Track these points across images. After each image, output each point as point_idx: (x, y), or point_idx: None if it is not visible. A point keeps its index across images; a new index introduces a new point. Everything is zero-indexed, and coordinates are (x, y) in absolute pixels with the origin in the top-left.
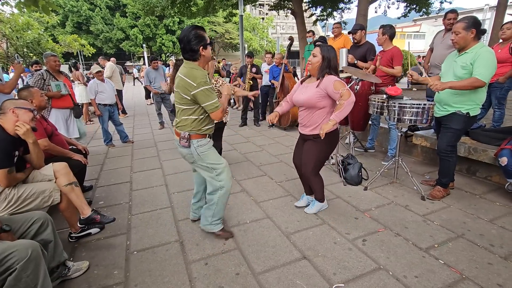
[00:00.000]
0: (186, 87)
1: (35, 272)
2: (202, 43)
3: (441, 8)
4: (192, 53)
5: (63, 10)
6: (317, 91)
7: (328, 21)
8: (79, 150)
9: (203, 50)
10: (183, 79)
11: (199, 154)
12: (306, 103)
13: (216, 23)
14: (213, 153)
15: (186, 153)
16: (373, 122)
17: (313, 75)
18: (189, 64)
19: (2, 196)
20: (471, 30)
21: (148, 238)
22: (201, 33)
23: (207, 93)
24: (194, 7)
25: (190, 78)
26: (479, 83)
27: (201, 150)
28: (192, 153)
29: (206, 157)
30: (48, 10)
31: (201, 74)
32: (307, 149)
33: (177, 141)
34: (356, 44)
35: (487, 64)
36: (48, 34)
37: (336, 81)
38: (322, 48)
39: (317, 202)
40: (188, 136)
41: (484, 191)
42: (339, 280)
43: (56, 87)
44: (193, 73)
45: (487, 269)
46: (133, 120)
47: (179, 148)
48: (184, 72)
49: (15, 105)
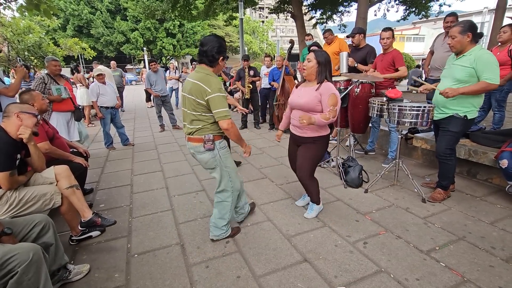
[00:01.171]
0: (201, 92)
1: (37, 275)
2: (223, 54)
3: (440, 11)
4: (212, 59)
5: (64, 14)
6: (316, 96)
7: (327, 24)
8: (80, 153)
9: (222, 60)
10: (197, 84)
11: (221, 157)
12: (305, 107)
13: (216, 26)
14: (230, 155)
15: (209, 157)
16: (373, 125)
17: (309, 80)
18: (203, 69)
19: (3, 199)
20: (467, 34)
21: (149, 241)
22: (224, 45)
23: (221, 100)
24: (194, 11)
25: (205, 83)
26: (492, 86)
27: (223, 152)
28: (215, 156)
29: (226, 160)
30: (49, 13)
31: (216, 81)
32: (303, 154)
33: (196, 147)
34: (356, 47)
35: (491, 67)
36: (49, 38)
37: (332, 95)
38: (316, 53)
39: (315, 205)
40: (213, 138)
41: (485, 193)
42: (340, 283)
43: (57, 91)
44: (208, 79)
45: (489, 271)
46: (134, 122)
47: (199, 155)
48: (198, 77)
49: (20, 110)
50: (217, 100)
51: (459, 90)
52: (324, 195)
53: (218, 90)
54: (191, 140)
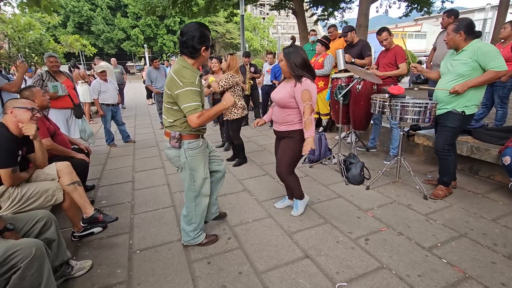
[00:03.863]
0: (172, 85)
1: (39, 270)
2: (206, 44)
3: (443, 7)
4: (193, 50)
5: (64, 11)
6: (289, 92)
7: (329, 20)
8: (81, 150)
9: (204, 51)
10: (171, 76)
11: (187, 158)
12: (280, 102)
13: (217, 23)
14: (201, 160)
15: (174, 155)
16: (375, 122)
17: (287, 76)
18: (183, 61)
19: (5, 195)
20: (460, 33)
21: (150, 237)
22: (207, 33)
23: (189, 95)
24: (195, 7)
25: (178, 76)
26: (501, 73)
27: (190, 153)
28: (179, 156)
29: (192, 162)
30: (50, 10)
31: (190, 74)
32: (281, 148)
33: (165, 141)
34: (350, 44)
35: (494, 55)
36: (49, 35)
37: (305, 91)
38: (284, 51)
39: (299, 201)
40: (179, 136)
41: (487, 190)
42: (342, 279)
43: (53, 88)
44: (183, 72)
45: (491, 268)
46: (135, 120)
47: (166, 150)
48: (175, 69)
49: (13, 105)
50: (185, 95)
51: (468, 84)
52: (325, 191)
53: (190, 84)
54: (165, 133)
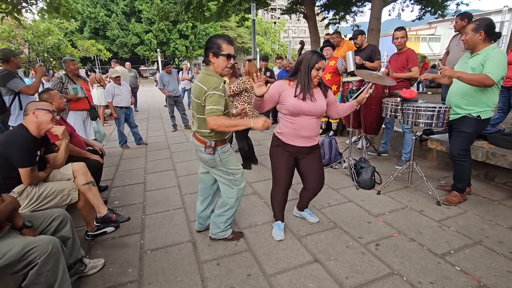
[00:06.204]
0: (200, 93)
1: (55, 267)
2: (212, 50)
3: (458, 10)
4: (205, 58)
5: (81, 17)
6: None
7: (340, 24)
8: (96, 151)
9: (213, 57)
10: (197, 85)
11: (222, 160)
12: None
13: (229, 27)
14: (233, 158)
15: (209, 158)
16: (386, 126)
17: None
18: (205, 70)
19: (24, 194)
20: (480, 32)
21: (161, 238)
22: (215, 40)
23: (214, 98)
24: (207, 12)
25: (204, 83)
26: (488, 81)
27: (224, 156)
28: (214, 159)
29: (227, 163)
30: (68, 16)
31: (215, 80)
32: (317, 165)
33: (198, 146)
34: (359, 48)
35: (498, 65)
36: (67, 40)
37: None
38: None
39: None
40: (215, 145)
41: (503, 197)
42: (352, 284)
43: (73, 90)
44: (207, 79)
45: (507, 277)
46: (147, 122)
47: (200, 153)
48: (199, 78)
49: (35, 107)
50: (212, 97)
51: (457, 73)
52: (335, 196)
53: (215, 88)
54: (195, 137)
